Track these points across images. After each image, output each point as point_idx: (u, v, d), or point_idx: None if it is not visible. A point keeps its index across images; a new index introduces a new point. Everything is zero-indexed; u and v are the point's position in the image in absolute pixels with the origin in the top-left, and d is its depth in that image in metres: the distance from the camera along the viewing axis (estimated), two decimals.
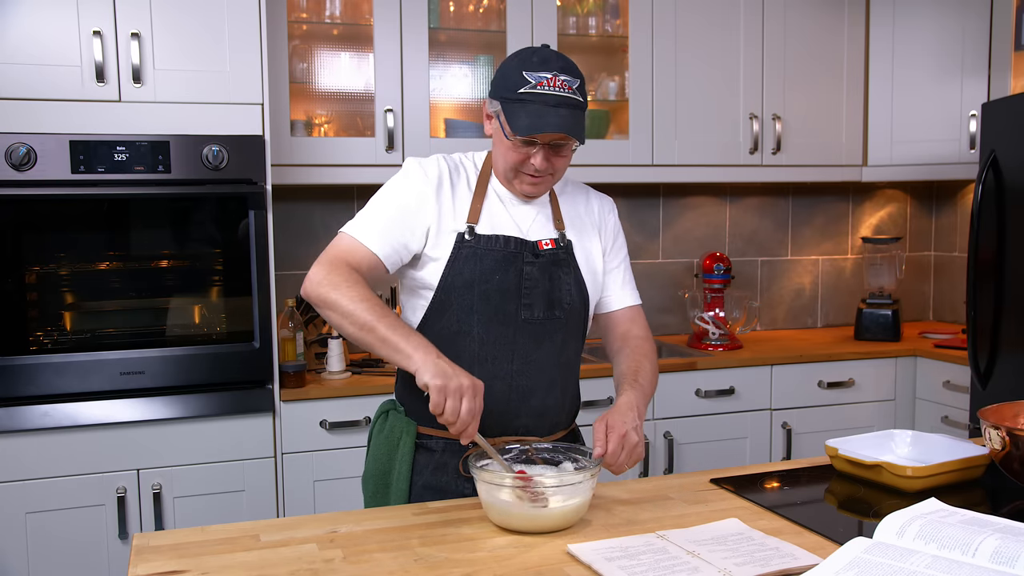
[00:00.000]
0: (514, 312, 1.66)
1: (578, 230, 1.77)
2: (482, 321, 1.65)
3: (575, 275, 1.73)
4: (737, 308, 3.52)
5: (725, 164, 3.38)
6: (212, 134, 2.56)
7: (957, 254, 3.95)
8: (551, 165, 1.63)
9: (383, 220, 1.64)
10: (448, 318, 1.66)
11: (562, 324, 1.71)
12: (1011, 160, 2.78)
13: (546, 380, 1.70)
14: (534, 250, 1.68)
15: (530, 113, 1.56)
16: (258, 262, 2.61)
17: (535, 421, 1.70)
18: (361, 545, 1.38)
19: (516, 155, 1.63)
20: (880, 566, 1.16)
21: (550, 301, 1.69)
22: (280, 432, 2.66)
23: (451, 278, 1.65)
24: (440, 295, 1.66)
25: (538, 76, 1.57)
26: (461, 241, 1.65)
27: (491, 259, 1.65)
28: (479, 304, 1.65)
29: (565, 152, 1.64)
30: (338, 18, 3.06)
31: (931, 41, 3.44)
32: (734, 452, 3.17)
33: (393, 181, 1.69)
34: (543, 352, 1.69)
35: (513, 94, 1.58)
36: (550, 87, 1.57)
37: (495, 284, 1.65)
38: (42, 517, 2.47)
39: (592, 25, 3.33)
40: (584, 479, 1.43)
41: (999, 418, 1.64)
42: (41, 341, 2.50)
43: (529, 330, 1.68)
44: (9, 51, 2.41)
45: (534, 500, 1.40)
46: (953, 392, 3.19)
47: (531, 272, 1.67)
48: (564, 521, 1.42)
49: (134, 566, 1.31)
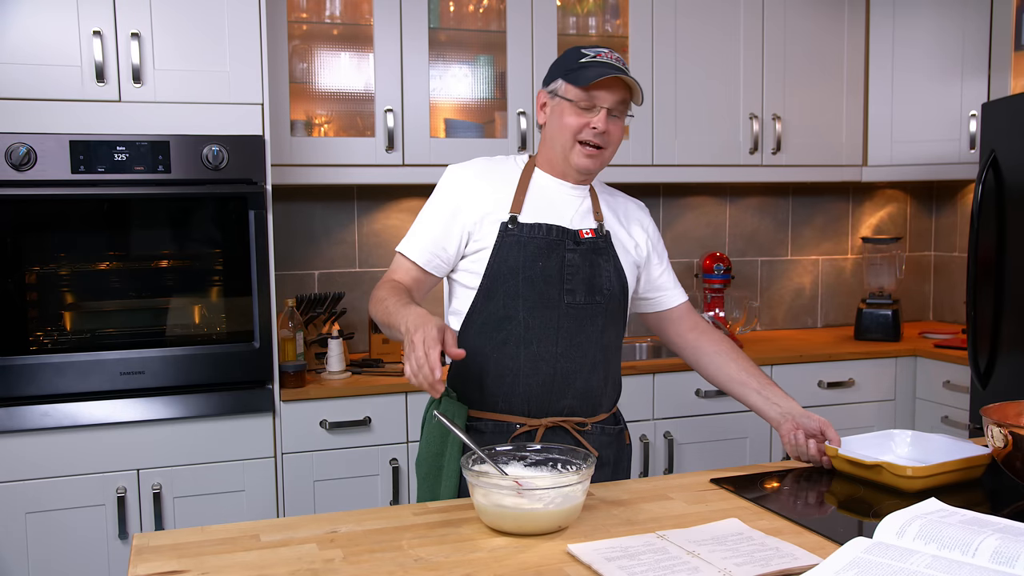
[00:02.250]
0: (557, 297, 1.75)
1: (616, 224, 1.88)
2: (527, 306, 1.74)
3: (614, 263, 1.82)
4: (737, 308, 3.52)
5: (725, 164, 3.38)
6: (212, 134, 2.56)
7: (957, 254, 3.95)
8: (609, 133, 1.75)
9: (422, 230, 1.80)
10: (495, 303, 1.75)
11: (602, 309, 1.80)
12: (1011, 160, 2.78)
13: (588, 362, 1.79)
14: (575, 238, 1.78)
15: (595, 68, 1.70)
16: (258, 262, 2.61)
17: (579, 402, 1.79)
18: (361, 545, 1.38)
19: (578, 120, 1.74)
20: (880, 566, 1.16)
21: (591, 287, 1.78)
22: (280, 432, 2.66)
23: (496, 265, 1.75)
24: (486, 282, 1.76)
25: (595, 51, 1.74)
26: (505, 230, 1.75)
27: (534, 246, 1.75)
28: (524, 289, 1.74)
29: (619, 122, 1.77)
30: (338, 18, 3.06)
31: (931, 41, 3.44)
32: (734, 452, 3.16)
33: (435, 192, 1.83)
34: (585, 335, 1.78)
35: (574, 64, 1.73)
36: (608, 58, 1.74)
37: (539, 271, 1.74)
38: (42, 517, 2.47)
39: (592, 25, 3.33)
40: (578, 480, 1.43)
41: (1002, 416, 1.64)
42: (41, 341, 2.50)
43: (572, 314, 1.77)
44: (9, 51, 2.41)
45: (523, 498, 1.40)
46: (953, 392, 3.19)
47: (572, 259, 1.77)
48: (558, 523, 1.42)
49: (134, 566, 1.31)
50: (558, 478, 1.45)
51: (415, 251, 1.80)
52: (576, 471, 1.48)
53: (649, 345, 3.54)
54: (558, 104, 1.78)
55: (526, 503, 1.39)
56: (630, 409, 3.01)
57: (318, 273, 3.29)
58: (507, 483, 1.41)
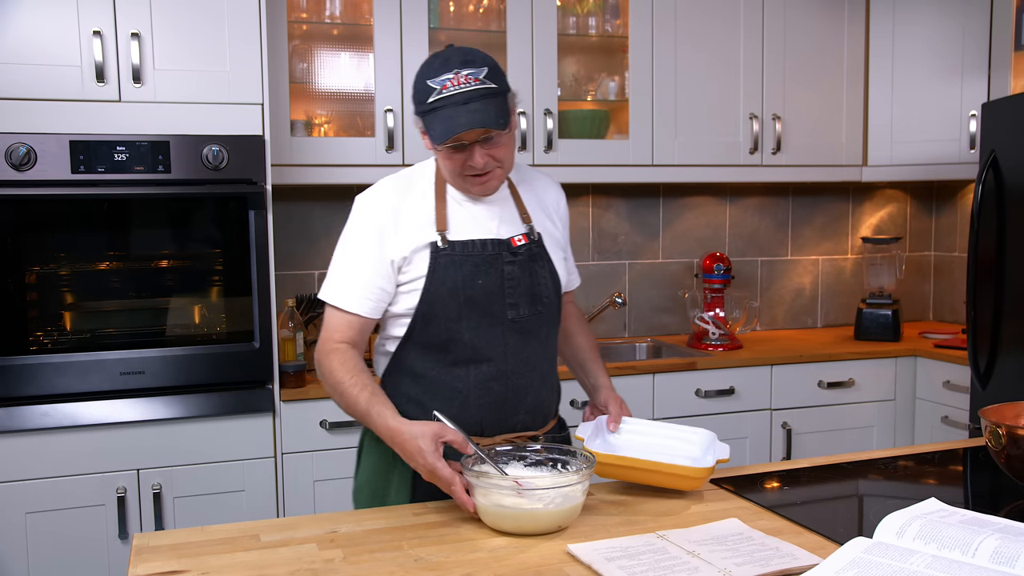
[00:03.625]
0: (500, 313, 1.67)
1: (543, 219, 1.78)
2: (471, 326, 1.65)
3: (549, 267, 1.74)
4: (737, 308, 3.52)
5: (725, 164, 3.38)
6: (212, 134, 2.56)
7: (957, 254, 3.95)
8: (492, 159, 1.61)
9: (352, 276, 1.66)
10: (436, 327, 1.66)
11: (544, 318, 1.73)
12: (1011, 160, 2.78)
13: (538, 376, 1.73)
14: (510, 248, 1.69)
15: (442, 119, 1.55)
16: (258, 262, 2.61)
17: (531, 417, 1.73)
18: (361, 545, 1.38)
19: (454, 162, 1.62)
20: (880, 566, 1.16)
21: (532, 297, 1.70)
22: (280, 432, 2.66)
23: (433, 289, 1.64)
24: (424, 307, 1.65)
25: (440, 80, 1.56)
26: (436, 251, 1.64)
27: (470, 264, 1.65)
28: (466, 310, 1.65)
29: (501, 142, 1.61)
30: (338, 18, 3.06)
31: (931, 41, 3.44)
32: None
33: (349, 228, 1.69)
34: (532, 349, 1.71)
35: (425, 106, 1.58)
36: (455, 86, 1.55)
37: (479, 288, 1.65)
38: (42, 517, 2.47)
39: (592, 25, 3.33)
40: (578, 480, 1.43)
41: (1000, 418, 1.64)
42: (41, 341, 2.50)
43: (517, 328, 1.69)
44: (9, 51, 2.41)
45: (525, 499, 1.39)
46: (953, 392, 3.19)
47: (512, 271, 1.68)
48: (558, 522, 1.42)
49: (134, 566, 1.31)
50: (558, 478, 1.46)
51: (354, 302, 1.66)
52: (576, 471, 1.48)
53: (649, 345, 3.54)
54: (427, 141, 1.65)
55: (526, 503, 1.39)
56: (631, 409, 3.00)
57: (318, 273, 3.29)
58: (507, 483, 1.41)
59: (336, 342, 1.67)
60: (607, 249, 3.62)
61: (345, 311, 1.66)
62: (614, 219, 3.62)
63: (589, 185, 3.54)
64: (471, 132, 1.56)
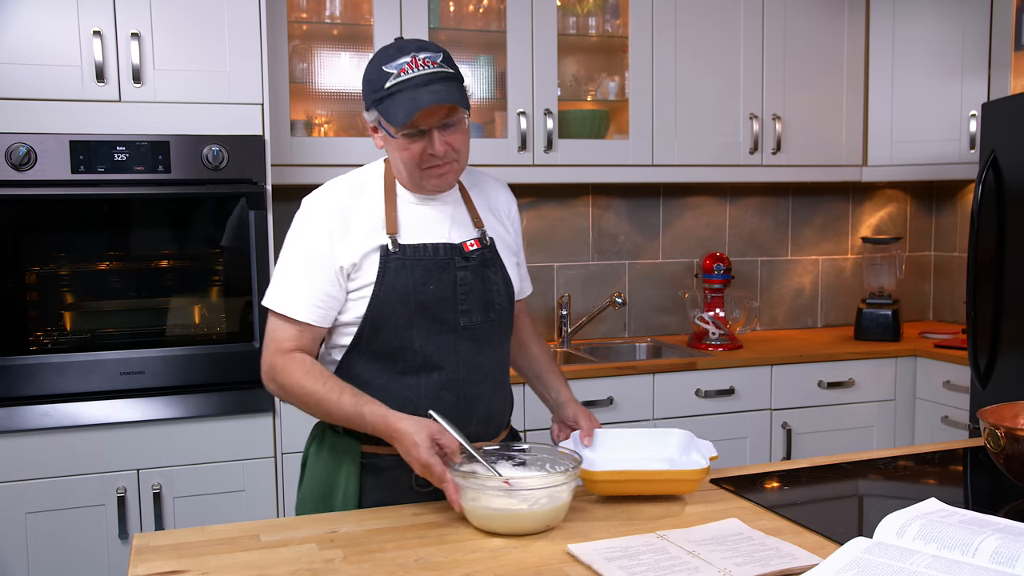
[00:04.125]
0: (452, 320, 1.62)
1: (495, 223, 1.73)
2: (421, 333, 1.60)
3: (502, 274, 1.69)
4: (737, 308, 3.52)
5: (725, 164, 3.38)
6: (212, 134, 2.56)
7: (957, 254, 3.95)
8: (451, 147, 1.57)
9: (299, 283, 1.59)
10: (386, 334, 1.59)
11: (497, 326, 1.68)
12: (1011, 160, 2.78)
13: (491, 384, 1.68)
14: (463, 253, 1.63)
15: (403, 101, 1.51)
16: (258, 262, 2.61)
17: (482, 427, 1.67)
18: (361, 545, 1.38)
19: (412, 151, 1.56)
20: (880, 566, 1.16)
21: (485, 304, 1.65)
22: (280, 432, 2.66)
23: (383, 294, 1.58)
24: (372, 314, 1.58)
25: (397, 64, 1.52)
26: (387, 254, 1.58)
27: (421, 268, 1.59)
28: (416, 316, 1.59)
29: (459, 128, 1.58)
30: (338, 18, 3.06)
31: (931, 41, 3.44)
32: (734, 452, 3.16)
33: (295, 231, 1.63)
34: (485, 356, 1.66)
35: (383, 91, 1.53)
36: (414, 69, 1.52)
37: (430, 294, 1.59)
38: (42, 517, 2.47)
39: (592, 25, 3.33)
40: (566, 480, 1.42)
41: (999, 418, 1.64)
42: (41, 341, 2.50)
43: (469, 336, 1.64)
44: (9, 51, 2.41)
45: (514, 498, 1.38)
46: (953, 392, 3.19)
47: (464, 276, 1.63)
48: (546, 522, 1.41)
49: (134, 566, 1.31)
50: (545, 478, 1.45)
51: (302, 310, 1.58)
52: (563, 472, 1.47)
53: (649, 345, 3.54)
54: (384, 135, 1.59)
55: (512, 503, 1.39)
56: (631, 409, 3.02)
57: None
58: (493, 483, 1.41)
59: (288, 351, 1.59)
60: (607, 249, 3.62)
61: (293, 320, 1.58)
62: (614, 219, 3.62)
63: (589, 185, 3.54)
64: (431, 117, 1.52)
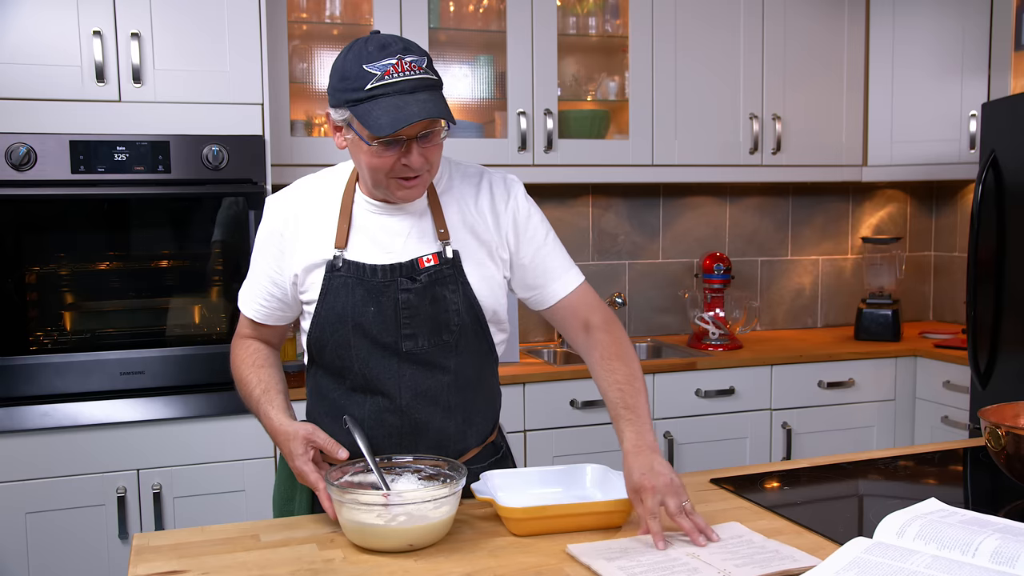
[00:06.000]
0: (394, 344, 1.51)
1: (469, 233, 1.55)
2: (361, 356, 1.51)
3: (463, 291, 1.53)
4: (737, 308, 3.52)
5: (725, 164, 3.38)
6: (212, 134, 2.56)
7: (957, 254, 3.95)
8: (426, 160, 1.43)
9: (249, 279, 1.62)
10: (329, 355, 1.54)
11: (452, 348, 1.53)
12: (1011, 160, 2.78)
13: (440, 410, 1.55)
14: (412, 272, 1.50)
15: (387, 108, 1.36)
16: None
17: (435, 451, 1.56)
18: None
19: (385, 160, 1.42)
20: (880, 566, 1.16)
21: (435, 326, 1.51)
22: None
23: (324, 312, 1.51)
24: (316, 331, 1.53)
25: (382, 65, 1.36)
26: (331, 270, 1.51)
27: (362, 289, 1.49)
28: (355, 339, 1.51)
29: (436, 141, 1.44)
30: (338, 18, 3.06)
31: (931, 41, 3.44)
32: (734, 452, 3.17)
33: (259, 228, 1.61)
34: (434, 381, 1.54)
35: (362, 93, 1.37)
36: (399, 72, 1.36)
37: (370, 316, 1.50)
38: (42, 517, 2.47)
39: (592, 25, 3.33)
40: (446, 493, 1.35)
41: (999, 418, 1.64)
42: (41, 341, 2.50)
43: (414, 360, 1.52)
44: (9, 51, 2.41)
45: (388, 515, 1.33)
46: (953, 392, 3.19)
47: (408, 299, 1.50)
48: (409, 540, 1.34)
49: (134, 566, 1.31)
50: (410, 494, 1.35)
51: (247, 306, 1.61)
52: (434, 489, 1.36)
53: (649, 345, 3.54)
54: (354, 138, 1.43)
55: (370, 518, 1.33)
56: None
57: None
58: (350, 496, 1.34)
59: (244, 336, 1.65)
60: (607, 249, 3.62)
61: (243, 312, 1.64)
62: (614, 219, 3.62)
63: (589, 185, 3.54)
64: (416, 125, 1.38)
